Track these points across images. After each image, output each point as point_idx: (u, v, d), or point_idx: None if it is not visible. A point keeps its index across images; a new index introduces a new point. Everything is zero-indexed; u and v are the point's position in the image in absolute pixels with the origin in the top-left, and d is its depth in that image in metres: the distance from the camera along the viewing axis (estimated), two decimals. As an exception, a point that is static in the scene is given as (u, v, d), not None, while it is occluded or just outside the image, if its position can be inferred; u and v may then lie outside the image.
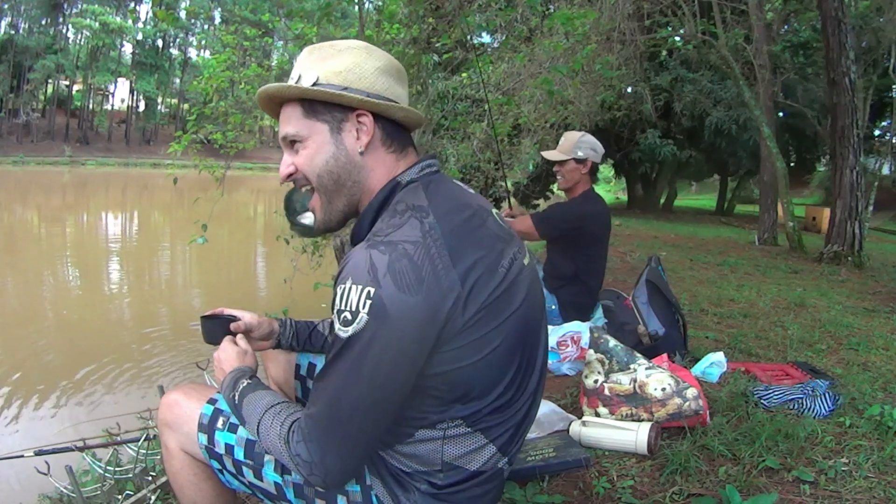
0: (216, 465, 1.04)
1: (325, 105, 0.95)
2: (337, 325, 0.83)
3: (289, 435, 0.89)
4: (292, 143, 0.98)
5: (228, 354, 1.11)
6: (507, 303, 0.90)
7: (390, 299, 0.80)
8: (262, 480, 1.00)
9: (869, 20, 11.43)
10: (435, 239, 0.85)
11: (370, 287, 0.80)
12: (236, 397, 1.01)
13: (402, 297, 0.80)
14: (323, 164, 0.96)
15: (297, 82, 0.96)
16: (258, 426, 0.94)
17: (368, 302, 0.80)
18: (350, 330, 0.81)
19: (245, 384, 1.02)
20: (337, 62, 0.96)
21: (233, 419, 1.04)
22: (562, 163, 2.70)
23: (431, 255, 0.83)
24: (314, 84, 0.94)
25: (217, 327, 1.20)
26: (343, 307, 0.82)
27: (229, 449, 1.01)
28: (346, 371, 0.83)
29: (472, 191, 1.03)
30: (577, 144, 2.68)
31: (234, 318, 1.21)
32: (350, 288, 0.81)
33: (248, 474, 1.01)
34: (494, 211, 1.01)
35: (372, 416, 0.85)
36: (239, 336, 1.17)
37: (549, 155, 2.73)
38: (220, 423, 1.03)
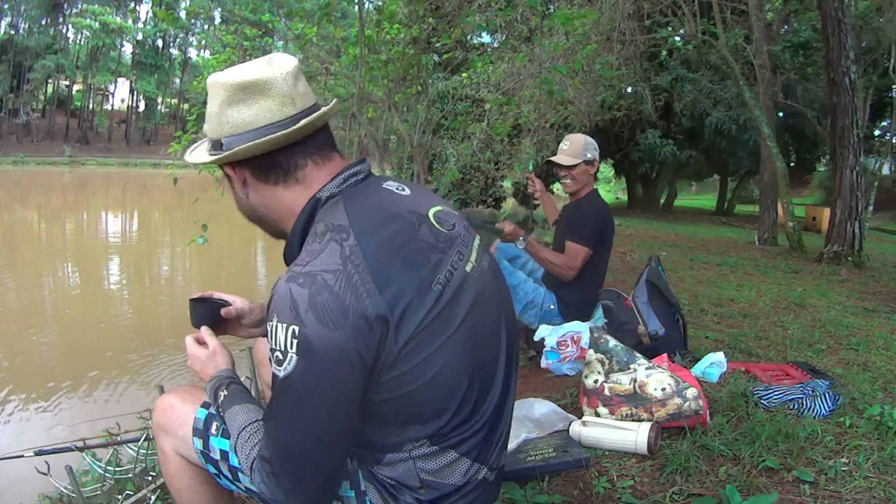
0: (212, 469, 1.02)
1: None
2: (273, 365, 0.81)
3: (252, 473, 0.88)
4: None
5: (200, 360, 1.09)
6: (447, 322, 0.85)
7: (316, 337, 0.77)
8: None
9: (869, 20, 11.44)
10: (356, 265, 0.80)
11: (294, 325, 0.77)
12: (220, 410, 1.01)
13: (327, 334, 0.77)
14: (239, 203, 1.02)
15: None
16: (236, 448, 0.94)
17: (295, 341, 0.77)
18: (282, 370, 0.79)
19: (223, 397, 1.01)
20: (210, 109, 0.95)
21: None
22: (571, 167, 2.70)
23: (354, 285, 0.79)
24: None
25: (206, 311, 1.16)
26: (274, 346, 0.79)
27: (224, 455, 1.00)
28: (289, 411, 0.81)
29: (407, 191, 0.96)
30: (586, 147, 2.69)
31: (224, 303, 1.17)
32: (277, 326, 0.79)
33: (244, 480, 0.99)
34: (433, 211, 0.94)
35: (324, 451, 0.83)
36: (204, 330, 1.12)
37: (562, 160, 2.70)
38: (213, 429, 1.01)
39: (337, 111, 1.01)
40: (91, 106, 46.68)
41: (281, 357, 0.79)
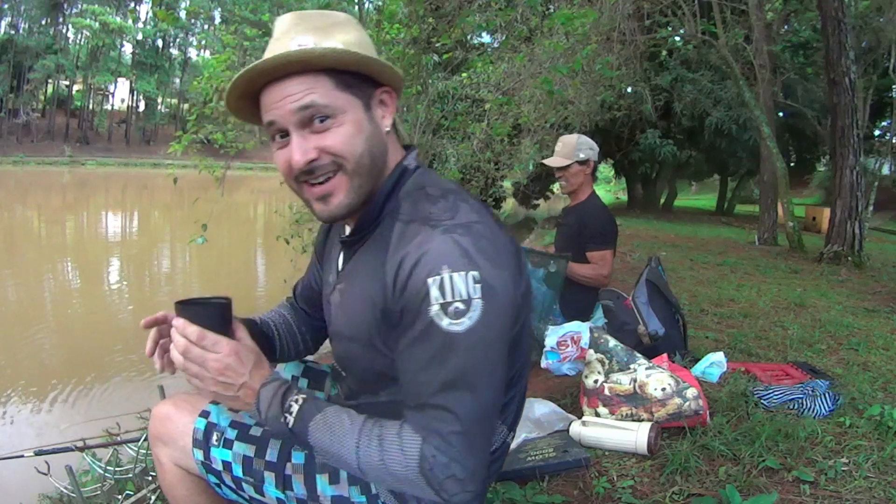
0: (213, 479, 0.99)
1: (355, 78, 0.85)
2: (446, 321, 0.74)
3: (430, 461, 0.75)
4: (312, 119, 0.82)
5: (244, 363, 0.85)
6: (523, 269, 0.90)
7: (493, 277, 0.76)
8: (263, 496, 0.96)
9: (869, 20, 11.43)
10: (486, 217, 0.83)
11: (473, 271, 0.75)
12: (292, 421, 0.83)
13: (499, 273, 0.77)
14: (363, 143, 0.85)
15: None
16: (357, 462, 0.79)
17: (478, 286, 0.74)
18: (466, 320, 0.74)
19: (301, 403, 0.83)
20: (347, 34, 0.86)
21: (228, 434, 0.98)
22: (565, 168, 2.70)
23: (495, 232, 0.82)
24: None
25: (216, 315, 0.87)
26: (452, 298, 0.74)
27: (227, 466, 0.97)
28: (478, 366, 0.76)
29: None
30: (578, 147, 2.69)
31: (225, 301, 0.90)
32: (453, 276, 0.74)
33: (249, 490, 0.97)
34: None
35: (499, 400, 0.83)
36: (238, 327, 0.90)
37: (553, 162, 2.71)
38: (214, 439, 0.98)
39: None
40: (91, 106, 46.70)
41: (463, 307, 0.74)
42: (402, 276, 0.78)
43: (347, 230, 0.97)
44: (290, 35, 0.84)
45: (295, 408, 0.83)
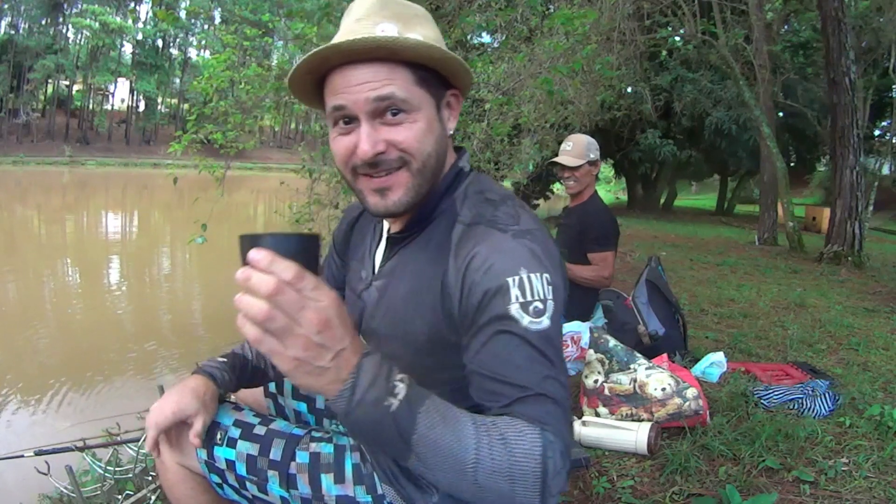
0: (216, 479, 0.99)
1: (431, 75, 0.82)
2: (526, 320, 0.74)
3: (551, 448, 0.68)
4: (385, 110, 0.79)
5: (340, 326, 0.62)
6: None
7: (557, 281, 0.79)
8: (266, 494, 0.96)
9: (869, 20, 11.43)
10: (539, 224, 0.85)
11: (546, 273, 0.77)
12: (396, 405, 0.65)
13: (558, 276, 0.80)
14: (433, 143, 0.83)
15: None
16: (476, 455, 0.66)
17: (550, 287, 0.77)
18: (545, 319, 0.75)
19: (408, 383, 0.67)
20: (428, 29, 0.84)
21: (231, 432, 0.98)
22: (575, 168, 2.69)
23: (548, 238, 0.83)
24: None
25: (310, 251, 0.63)
26: (532, 297, 0.75)
27: (231, 465, 0.97)
28: (558, 361, 0.77)
29: None
30: (588, 147, 2.69)
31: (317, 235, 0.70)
32: (530, 277, 0.76)
33: (252, 489, 0.97)
34: None
35: None
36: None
37: (567, 161, 2.69)
38: (218, 438, 0.98)
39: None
40: (91, 106, 46.67)
41: (541, 307, 0.76)
42: (474, 275, 0.77)
43: (386, 226, 0.95)
44: (372, 19, 0.80)
45: (401, 389, 0.66)
